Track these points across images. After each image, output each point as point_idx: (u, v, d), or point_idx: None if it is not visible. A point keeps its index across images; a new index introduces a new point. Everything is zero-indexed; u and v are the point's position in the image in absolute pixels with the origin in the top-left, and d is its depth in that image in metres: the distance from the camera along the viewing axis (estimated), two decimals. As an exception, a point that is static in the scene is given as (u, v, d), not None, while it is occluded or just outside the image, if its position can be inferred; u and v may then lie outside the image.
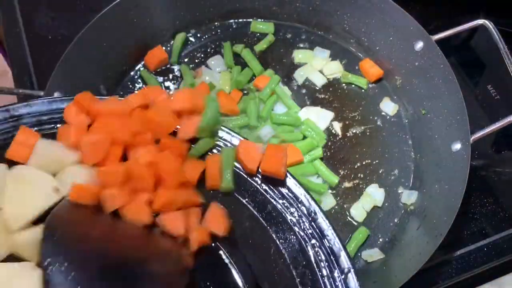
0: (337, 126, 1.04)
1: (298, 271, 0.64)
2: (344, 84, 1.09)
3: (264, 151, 0.68)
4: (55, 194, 0.61)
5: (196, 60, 1.11)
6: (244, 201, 0.68)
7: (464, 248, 0.95)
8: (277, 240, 0.66)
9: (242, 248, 0.67)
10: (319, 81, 1.08)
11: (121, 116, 0.68)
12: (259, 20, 1.15)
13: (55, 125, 0.70)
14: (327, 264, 0.63)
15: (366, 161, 1.01)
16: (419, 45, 0.99)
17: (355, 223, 0.96)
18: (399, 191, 0.98)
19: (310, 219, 0.66)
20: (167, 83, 1.08)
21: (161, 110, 0.68)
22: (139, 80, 1.09)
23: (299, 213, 0.66)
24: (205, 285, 0.64)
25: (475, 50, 1.15)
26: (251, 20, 1.14)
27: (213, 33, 1.14)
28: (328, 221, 0.66)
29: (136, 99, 0.70)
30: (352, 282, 0.61)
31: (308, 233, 0.65)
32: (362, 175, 0.99)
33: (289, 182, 0.68)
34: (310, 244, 0.64)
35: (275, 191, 0.68)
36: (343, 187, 0.98)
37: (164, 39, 1.11)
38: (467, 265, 0.94)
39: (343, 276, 0.62)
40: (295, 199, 0.67)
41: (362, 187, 0.98)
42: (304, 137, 1.01)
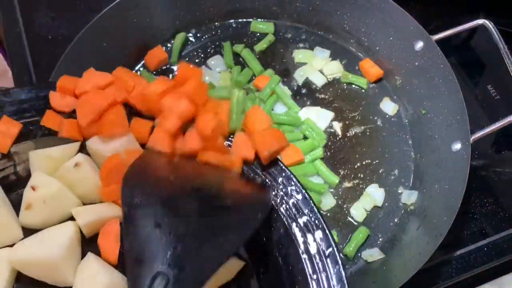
0: (337, 126, 1.04)
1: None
2: (344, 84, 1.09)
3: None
4: None
5: (196, 60, 1.11)
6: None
7: (464, 248, 0.95)
8: None
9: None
10: (319, 81, 1.08)
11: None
12: (259, 20, 1.15)
13: (36, 113, 0.75)
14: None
15: (366, 161, 1.01)
16: (419, 45, 0.99)
17: (355, 223, 0.96)
18: (399, 191, 0.98)
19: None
20: (167, 83, 1.08)
21: None
22: (139, 80, 1.09)
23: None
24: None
25: (475, 50, 1.15)
26: (251, 20, 1.14)
27: (213, 33, 1.14)
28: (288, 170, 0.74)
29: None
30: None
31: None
32: (362, 175, 0.99)
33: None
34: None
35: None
36: (343, 187, 0.98)
37: (164, 39, 1.11)
38: (467, 265, 0.94)
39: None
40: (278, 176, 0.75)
41: (362, 187, 0.98)
42: (304, 137, 1.01)
